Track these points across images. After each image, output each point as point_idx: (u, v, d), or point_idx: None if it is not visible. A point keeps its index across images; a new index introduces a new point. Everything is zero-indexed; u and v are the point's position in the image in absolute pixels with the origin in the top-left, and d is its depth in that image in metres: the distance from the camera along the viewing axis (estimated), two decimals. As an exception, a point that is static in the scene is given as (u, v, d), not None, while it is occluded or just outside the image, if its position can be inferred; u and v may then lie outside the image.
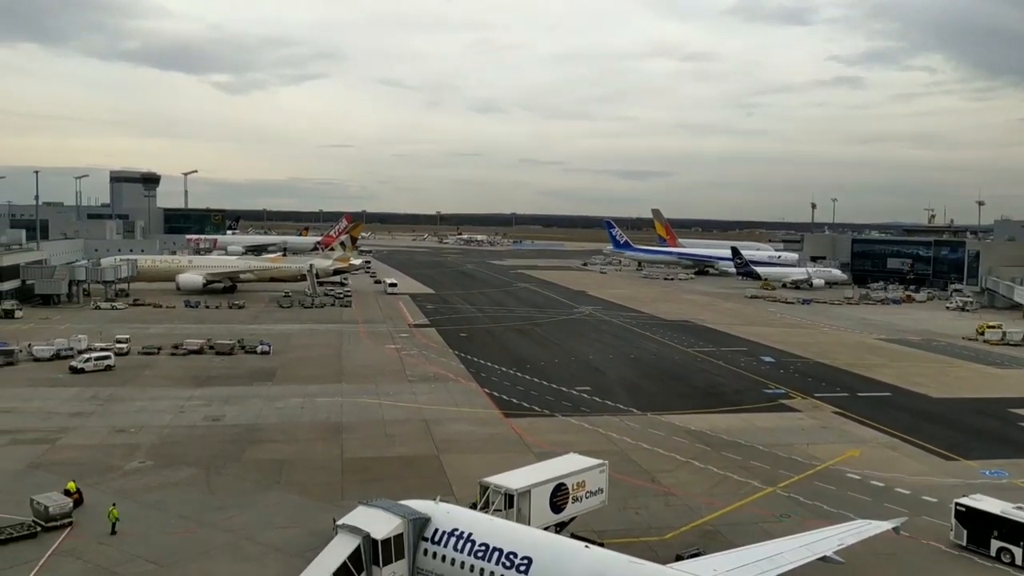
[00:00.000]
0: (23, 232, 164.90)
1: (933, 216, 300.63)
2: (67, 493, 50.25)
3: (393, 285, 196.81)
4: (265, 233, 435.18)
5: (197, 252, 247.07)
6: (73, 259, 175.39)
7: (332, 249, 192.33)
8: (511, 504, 40.05)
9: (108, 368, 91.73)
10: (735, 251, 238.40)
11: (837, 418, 78.27)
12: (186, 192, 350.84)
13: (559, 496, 41.96)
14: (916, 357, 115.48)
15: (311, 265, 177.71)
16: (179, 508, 50.72)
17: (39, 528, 46.10)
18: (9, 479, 55.09)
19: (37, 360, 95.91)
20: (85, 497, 51.07)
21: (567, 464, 44.85)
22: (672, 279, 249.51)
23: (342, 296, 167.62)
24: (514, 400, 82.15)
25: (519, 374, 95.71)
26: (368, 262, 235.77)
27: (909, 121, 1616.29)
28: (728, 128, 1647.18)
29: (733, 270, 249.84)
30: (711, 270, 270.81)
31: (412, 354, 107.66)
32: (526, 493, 40.41)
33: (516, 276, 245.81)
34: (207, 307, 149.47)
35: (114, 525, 46.80)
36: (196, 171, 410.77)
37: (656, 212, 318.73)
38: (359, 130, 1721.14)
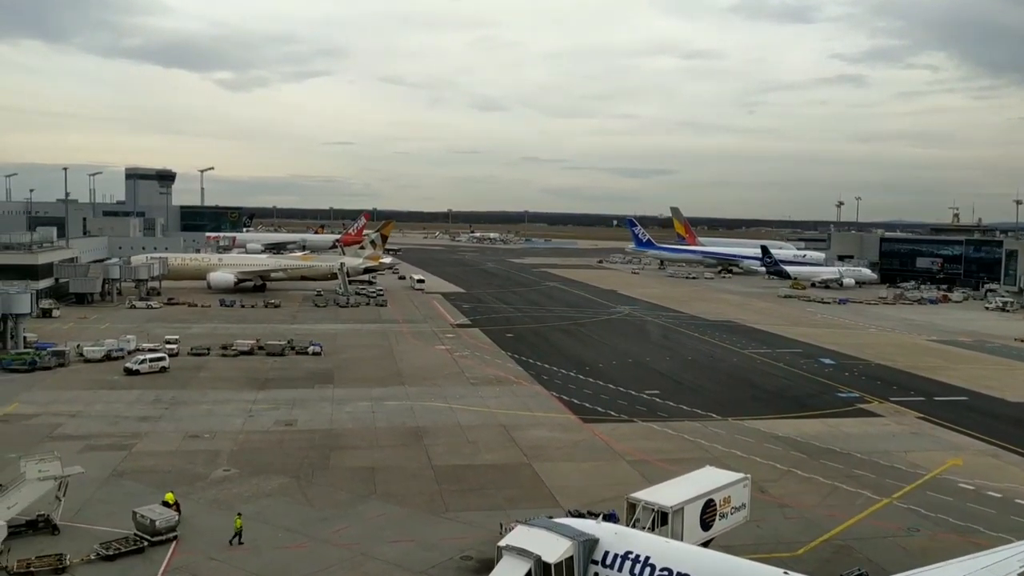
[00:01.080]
0: (54, 230, 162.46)
1: (957, 215, 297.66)
2: (165, 504, 48.14)
3: (421, 282, 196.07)
4: (275, 231, 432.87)
5: (219, 250, 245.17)
6: (98, 257, 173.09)
7: (363, 247, 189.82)
8: (663, 521, 37.81)
9: (163, 370, 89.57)
10: (764, 250, 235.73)
11: (924, 424, 75.98)
12: (203, 189, 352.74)
13: (707, 513, 39.73)
14: (975, 359, 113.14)
15: (342, 264, 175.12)
16: (281, 520, 48.50)
17: (145, 543, 43.92)
18: (96, 488, 52.87)
19: (88, 361, 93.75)
20: (181, 508, 48.95)
21: (711, 478, 42.60)
22: (696, 278, 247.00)
23: (375, 295, 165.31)
24: (586, 404, 79.89)
25: (580, 376, 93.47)
26: (396, 261, 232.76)
27: (911, 119, 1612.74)
28: (730, 126, 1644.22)
29: (759, 268, 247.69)
30: (735, 269, 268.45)
31: (465, 355, 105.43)
32: (680, 510, 38.16)
33: (540, 275, 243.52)
34: (243, 306, 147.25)
35: (240, 534, 44.84)
36: (212, 168, 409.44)
37: (675, 211, 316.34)
38: (361, 128, 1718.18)
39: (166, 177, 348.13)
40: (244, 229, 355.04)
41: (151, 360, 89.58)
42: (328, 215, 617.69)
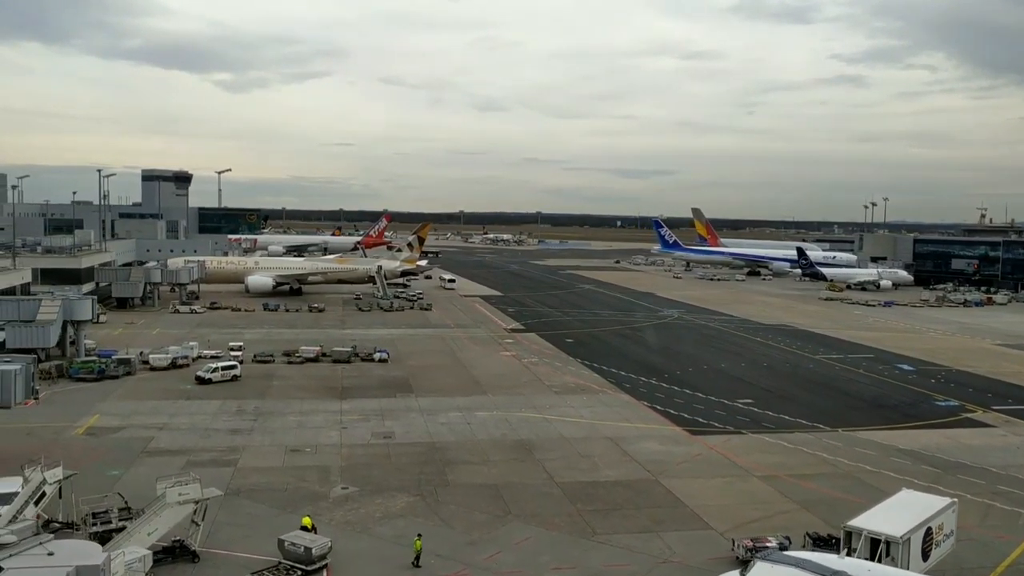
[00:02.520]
0: (92, 232, 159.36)
1: (985, 214, 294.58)
2: (303, 528, 45.19)
3: (451, 282, 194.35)
4: (284, 232, 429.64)
5: (244, 253, 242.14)
6: (126, 260, 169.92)
7: (399, 250, 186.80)
8: (888, 552, 34.83)
9: (234, 378, 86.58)
10: (800, 252, 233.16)
11: (1042, 435, 73.07)
12: (220, 191, 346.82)
13: (927, 541, 36.79)
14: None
15: (379, 266, 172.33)
16: (427, 543, 45.37)
17: (299, 572, 40.91)
18: (218, 509, 49.66)
19: (154, 369, 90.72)
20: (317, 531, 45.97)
21: (921, 504, 39.64)
22: (727, 280, 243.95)
23: (415, 298, 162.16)
24: (684, 415, 76.86)
25: (663, 384, 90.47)
26: (429, 265, 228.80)
27: (911, 120, 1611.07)
28: (730, 127, 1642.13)
29: (791, 270, 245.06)
30: (764, 270, 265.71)
31: (534, 361, 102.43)
32: (907, 540, 35.20)
33: (570, 277, 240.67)
34: (287, 310, 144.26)
35: (418, 557, 42.27)
36: (230, 169, 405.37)
37: (697, 211, 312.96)
38: (361, 128, 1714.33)
39: (183, 179, 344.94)
40: (260, 231, 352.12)
41: (223, 368, 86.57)
42: (337, 216, 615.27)
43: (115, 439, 64.96)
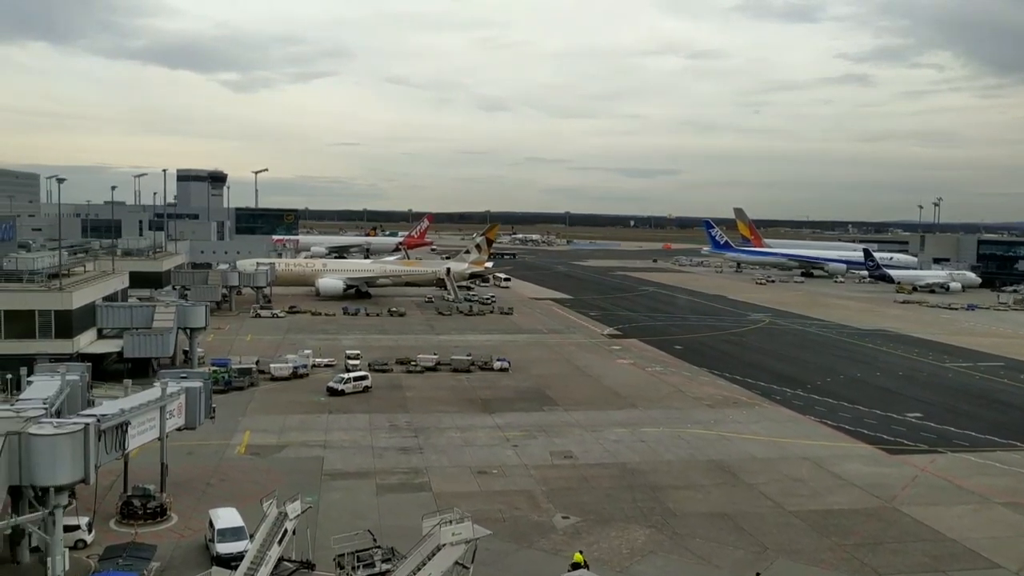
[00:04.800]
0: (162, 234, 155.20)
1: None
2: (574, 566, 40.61)
3: (507, 280, 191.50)
4: (307, 233, 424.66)
5: (292, 254, 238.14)
6: (181, 262, 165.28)
7: (467, 252, 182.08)
8: None
9: (366, 389, 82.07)
10: (867, 253, 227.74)
11: None
12: (256, 192, 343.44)
13: None
14: None
15: (448, 269, 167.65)
16: (706, 588, 40.85)
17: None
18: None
19: (275, 379, 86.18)
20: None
21: None
22: (786, 281, 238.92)
23: (489, 301, 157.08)
24: (862, 430, 71.96)
25: (812, 395, 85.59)
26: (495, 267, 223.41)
27: (917, 119, 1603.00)
28: (735, 126, 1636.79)
29: (857, 272, 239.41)
30: (817, 271, 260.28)
31: (659, 371, 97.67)
32: None
33: (622, 278, 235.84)
34: (367, 314, 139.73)
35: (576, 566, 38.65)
36: (266, 169, 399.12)
37: (739, 211, 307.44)
38: (367, 128, 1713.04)
39: (218, 178, 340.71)
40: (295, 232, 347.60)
41: (355, 379, 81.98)
42: (362, 216, 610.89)
43: (283, 460, 60.40)
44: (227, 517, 43.54)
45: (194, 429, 52.89)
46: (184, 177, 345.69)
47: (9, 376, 57.28)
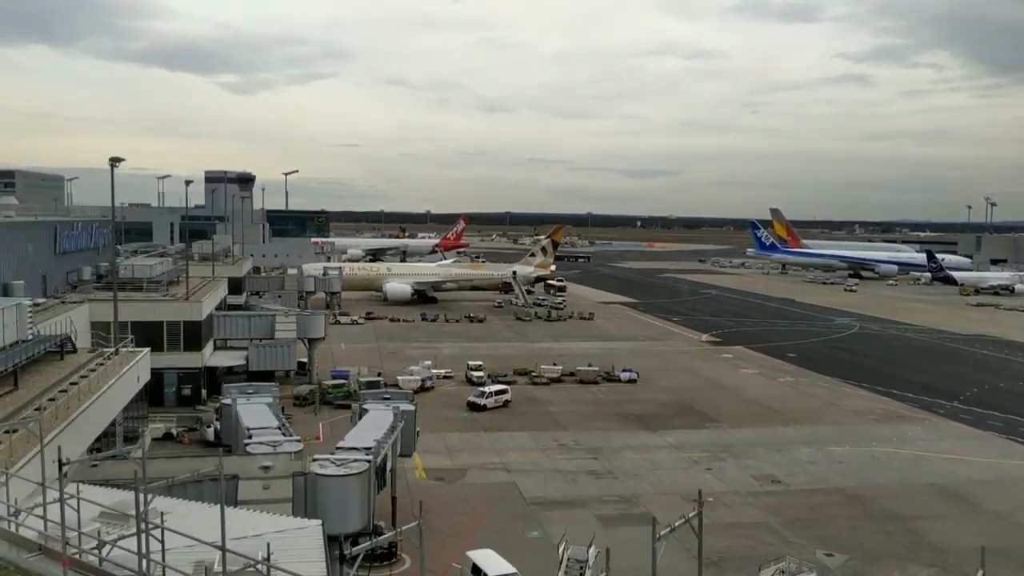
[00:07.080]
0: (230, 237, 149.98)
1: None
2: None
3: (561, 283, 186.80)
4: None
5: (333, 257, 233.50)
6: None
7: (532, 255, 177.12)
8: None
9: (506, 404, 77.28)
10: (930, 255, 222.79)
11: None
12: (287, 193, 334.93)
13: None
14: None
15: (514, 273, 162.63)
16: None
17: None
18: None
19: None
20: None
21: None
22: (839, 283, 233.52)
23: (562, 305, 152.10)
24: (1062, 449, 67.35)
25: (972, 408, 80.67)
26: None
27: (916, 118, 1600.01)
28: (735, 126, 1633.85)
29: (922, 274, 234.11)
30: (866, 273, 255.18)
31: (791, 381, 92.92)
32: None
33: (675, 280, 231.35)
34: (447, 320, 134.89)
35: None
36: (297, 171, 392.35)
37: (776, 212, 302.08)
38: (366, 129, 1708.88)
39: (246, 180, 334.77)
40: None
41: (495, 393, 77.19)
42: (379, 218, 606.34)
43: (474, 486, 55.55)
44: (495, 563, 38.56)
45: (409, 456, 47.99)
46: (212, 179, 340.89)
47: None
